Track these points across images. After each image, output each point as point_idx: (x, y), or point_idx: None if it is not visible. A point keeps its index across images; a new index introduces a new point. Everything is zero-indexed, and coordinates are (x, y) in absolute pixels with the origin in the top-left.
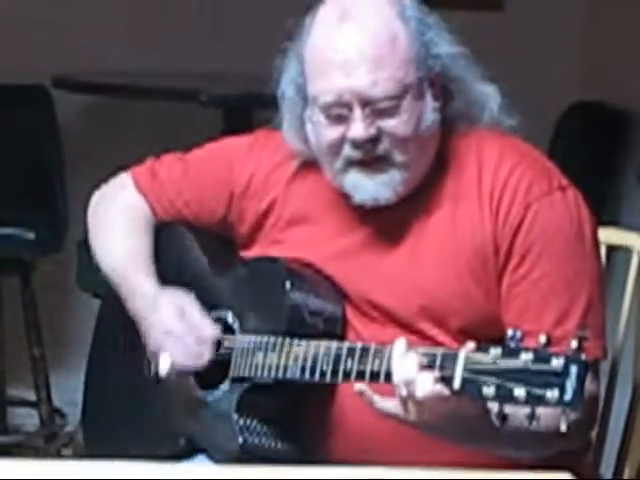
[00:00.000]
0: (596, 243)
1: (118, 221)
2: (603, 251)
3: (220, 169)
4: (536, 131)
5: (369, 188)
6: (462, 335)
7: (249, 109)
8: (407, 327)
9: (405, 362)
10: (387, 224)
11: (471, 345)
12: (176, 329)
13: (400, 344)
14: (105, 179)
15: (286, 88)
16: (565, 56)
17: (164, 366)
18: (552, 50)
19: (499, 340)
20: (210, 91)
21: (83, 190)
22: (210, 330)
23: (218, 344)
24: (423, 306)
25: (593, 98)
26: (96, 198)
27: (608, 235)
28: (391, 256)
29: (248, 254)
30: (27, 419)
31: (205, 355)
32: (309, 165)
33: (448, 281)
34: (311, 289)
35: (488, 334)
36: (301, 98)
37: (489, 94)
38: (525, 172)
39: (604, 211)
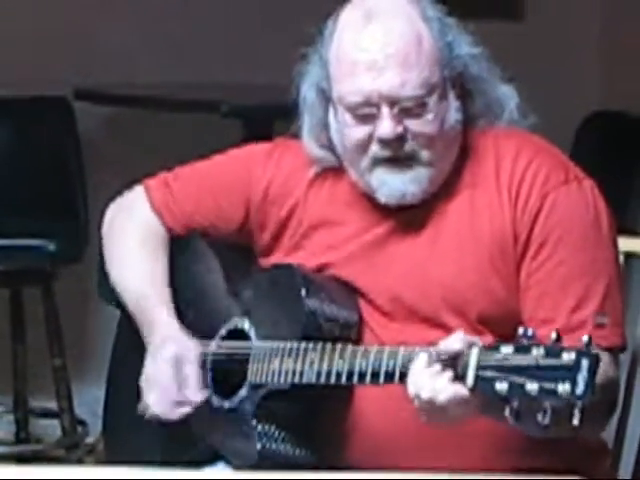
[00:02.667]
0: (613, 233)
1: (132, 241)
2: (622, 259)
3: (238, 176)
4: (556, 140)
5: (397, 184)
6: (482, 325)
7: (270, 120)
8: (429, 321)
9: (430, 377)
10: (407, 219)
11: (482, 343)
12: (162, 378)
13: (422, 357)
14: (124, 190)
15: (308, 92)
16: (585, 65)
17: (145, 405)
18: (572, 60)
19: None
20: (231, 102)
21: (104, 201)
22: (195, 394)
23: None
24: (444, 297)
25: (613, 108)
26: (110, 213)
27: (628, 243)
28: (412, 250)
29: (267, 261)
30: (49, 429)
31: (177, 414)
32: (327, 171)
33: (468, 271)
34: (327, 295)
35: (508, 324)
36: (323, 101)
37: (508, 94)
38: (542, 164)
39: (624, 219)
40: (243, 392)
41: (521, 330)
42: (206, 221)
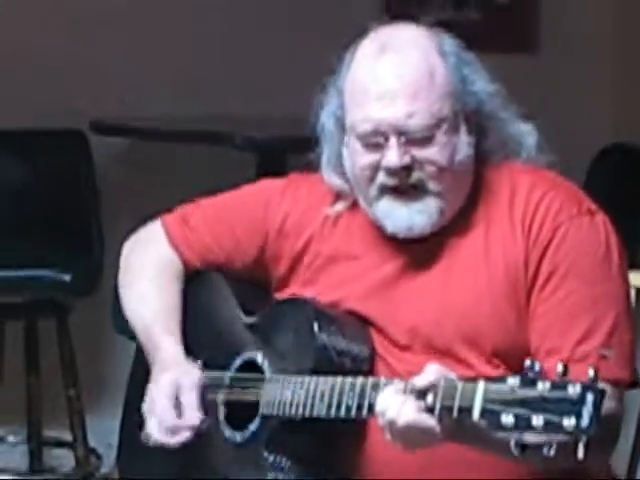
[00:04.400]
0: (623, 267)
1: (147, 275)
2: (633, 294)
3: (254, 210)
4: (569, 173)
5: (403, 215)
6: (497, 358)
7: (284, 153)
8: (444, 354)
9: (400, 401)
10: (420, 253)
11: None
12: (161, 408)
13: (397, 385)
14: (141, 223)
15: (326, 121)
16: (598, 98)
17: (146, 433)
18: (585, 92)
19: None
20: (245, 134)
21: (120, 232)
22: (192, 419)
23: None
24: (459, 330)
25: (627, 141)
26: (128, 247)
27: (639, 278)
28: (427, 283)
29: (282, 295)
30: (63, 460)
31: (174, 441)
32: (345, 203)
33: (482, 304)
34: (339, 330)
35: (522, 356)
36: (340, 130)
37: (525, 132)
38: (556, 196)
39: (636, 254)
40: (255, 424)
41: (528, 363)
42: (223, 255)
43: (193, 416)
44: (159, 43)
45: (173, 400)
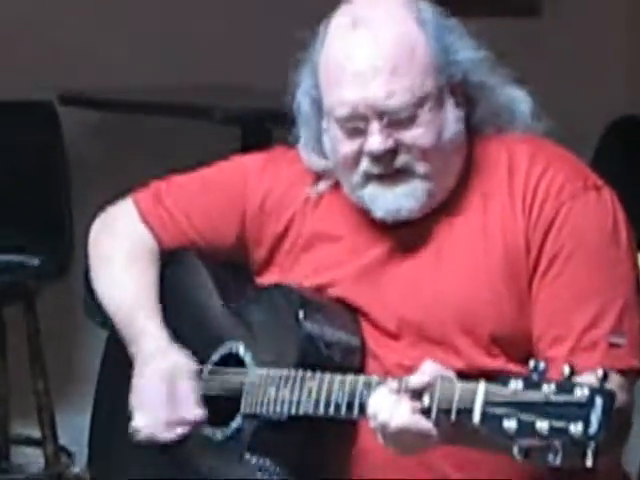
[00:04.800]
0: (632, 247)
1: (119, 255)
2: None
3: (233, 188)
4: (577, 147)
5: (389, 200)
6: (495, 346)
7: (268, 127)
8: (438, 343)
9: (393, 402)
10: (410, 235)
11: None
12: (157, 400)
13: (390, 384)
14: (113, 201)
15: (302, 101)
16: (608, 66)
17: (135, 426)
18: (594, 59)
19: (530, 353)
20: (226, 107)
21: (90, 213)
22: (192, 413)
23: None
24: (453, 317)
25: (638, 112)
26: (97, 227)
27: None
28: (418, 267)
29: (264, 280)
30: (31, 459)
31: (171, 435)
32: (327, 182)
33: (479, 288)
34: (326, 318)
35: (522, 345)
36: (317, 110)
37: (518, 98)
38: (558, 171)
39: None
40: (236, 422)
41: (532, 364)
42: (199, 236)
43: (192, 410)
44: (131, 10)
45: (166, 392)
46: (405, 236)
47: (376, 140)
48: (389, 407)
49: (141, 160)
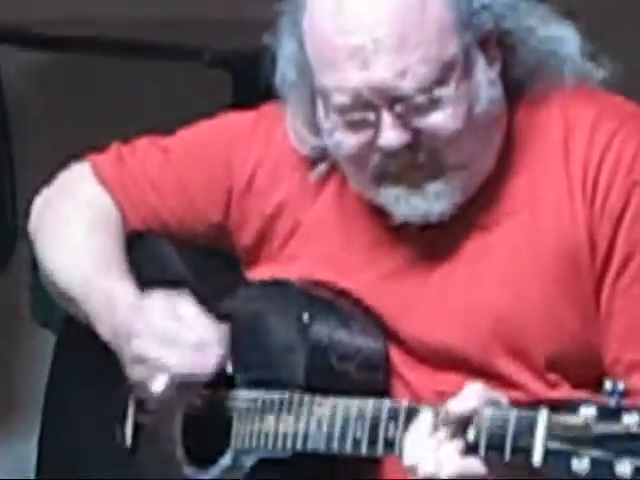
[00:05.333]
0: None
1: (76, 219)
2: None
3: (215, 157)
4: None
5: (416, 202)
6: (553, 372)
7: (266, 70)
8: (476, 367)
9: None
10: (440, 233)
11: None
12: (168, 332)
13: (424, 421)
14: (64, 168)
15: (287, 70)
16: None
17: (159, 382)
18: None
19: (600, 378)
20: (216, 47)
21: (38, 184)
22: (213, 330)
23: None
24: (496, 335)
25: None
26: (43, 196)
27: None
28: (450, 271)
29: (254, 274)
30: None
31: (211, 362)
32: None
33: (528, 298)
34: (339, 323)
35: (589, 368)
36: (306, 80)
37: (564, 37)
38: (629, 139)
39: None
40: (226, 461)
41: (609, 385)
42: (172, 214)
43: (213, 328)
44: None
45: (175, 326)
46: (433, 235)
47: (390, 135)
48: (432, 455)
49: (101, 115)
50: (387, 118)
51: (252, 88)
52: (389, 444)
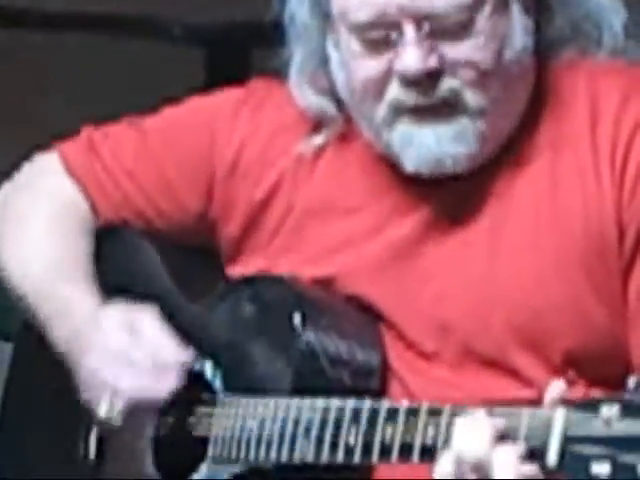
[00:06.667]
0: None
1: (38, 215)
2: None
3: (195, 141)
4: None
5: (429, 143)
6: (572, 368)
7: (245, 46)
8: (491, 363)
9: (473, 430)
10: (452, 202)
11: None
12: (122, 350)
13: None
14: (25, 158)
15: (297, 7)
16: None
17: (103, 406)
18: None
19: (621, 377)
20: (187, 21)
21: None
22: (172, 350)
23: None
24: (513, 327)
25: None
26: (9, 185)
27: None
28: (462, 252)
29: (239, 270)
30: None
31: (166, 386)
32: (327, 133)
33: (550, 285)
34: (333, 324)
35: (611, 366)
36: (320, 20)
37: (608, 9)
38: None
39: None
40: (203, 472)
41: (632, 381)
42: (149, 204)
43: (173, 348)
44: None
45: (130, 341)
46: (448, 203)
47: (413, 55)
48: (485, 453)
49: (65, 97)
50: (411, 34)
51: (229, 67)
52: (386, 451)
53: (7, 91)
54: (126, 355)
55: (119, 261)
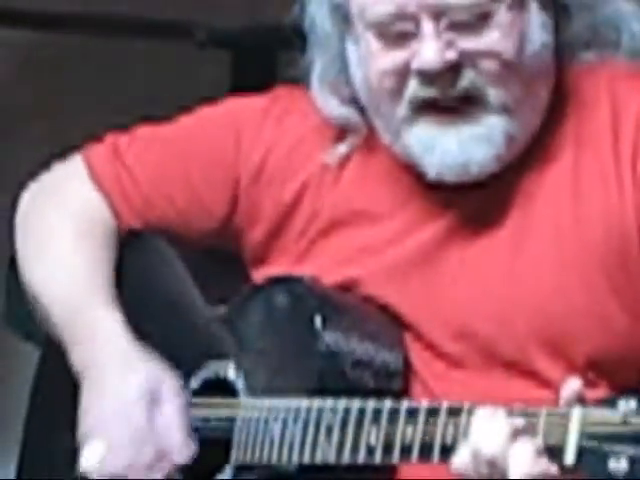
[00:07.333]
0: None
1: (63, 229)
2: None
3: (219, 146)
4: None
5: (451, 146)
6: (594, 372)
7: (271, 51)
8: (513, 367)
9: (490, 425)
10: (477, 210)
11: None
12: (134, 426)
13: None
14: (45, 165)
15: (317, 13)
16: None
17: (92, 456)
18: None
19: None
20: (211, 25)
21: (11, 178)
22: (177, 444)
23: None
24: (534, 329)
25: None
26: (30, 195)
27: None
28: (486, 257)
29: (262, 274)
30: None
31: (152, 476)
32: (352, 141)
33: (571, 290)
34: (355, 327)
35: (630, 372)
36: (340, 25)
37: (627, 13)
38: None
39: None
40: (226, 475)
41: None
42: (174, 210)
43: (182, 444)
44: None
45: (146, 418)
46: (470, 208)
47: (431, 49)
48: (501, 448)
49: (89, 102)
50: (429, 28)
51: (254, 71)
52: (406, 450)
53: (30, 95)
54: (136, 434)
55: (142, 267)
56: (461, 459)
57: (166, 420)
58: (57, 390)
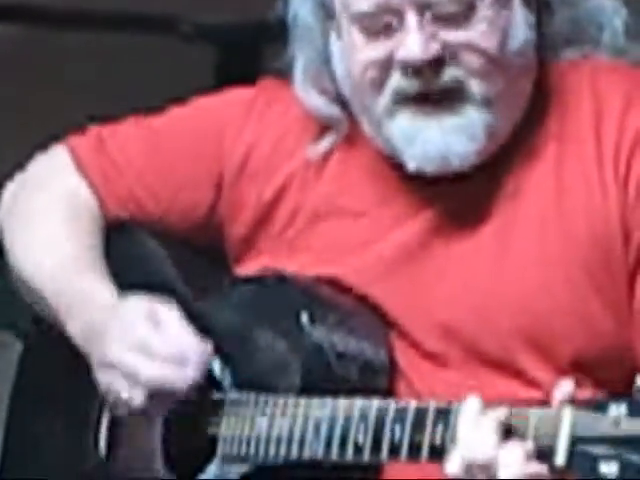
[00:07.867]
0: None
1: (51, 213)
2: None
3: (203, 140)
4: None
5: (433, 138)
6: (578, 372)
7: (255, 45)
8: (498, 366)
9: (478, 430)
10: (461, 205)
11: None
12: (145, 340)
13: (473, 403)
14: (32, 155)
15: (300, 7)
16: None
17: (125, 392)
18: None
19: (628, 380)
20: (195, 19)
21: (1, 168)
22: (194, 343)
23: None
24: (520, 330)
25: None
26: (15, 185)
27: None
28: (470, 254)
29: (246, 269)
30: None
31: (187, 378)
32: (334, 137)
33: (555, 289)
34: (340, 322)
35: (618, 370)
36: (322, 20)
37: (608, 9)
38: None
39: None
40: (212, 470)
41: None
42: (155, 207)
43: (197, 343)
44: None
45: (154, 330)
46: (453, 204)
47: (415, 41)
48: (490, 452)
49: (74, 95)
50: (413, 22)
51: (239, 65)
52: (394, 450)
53: (15, 88)
54: (149, 345)
55: (126, 258)
56: (453, 465)
57: (174, 329)
58: (42, 375)
